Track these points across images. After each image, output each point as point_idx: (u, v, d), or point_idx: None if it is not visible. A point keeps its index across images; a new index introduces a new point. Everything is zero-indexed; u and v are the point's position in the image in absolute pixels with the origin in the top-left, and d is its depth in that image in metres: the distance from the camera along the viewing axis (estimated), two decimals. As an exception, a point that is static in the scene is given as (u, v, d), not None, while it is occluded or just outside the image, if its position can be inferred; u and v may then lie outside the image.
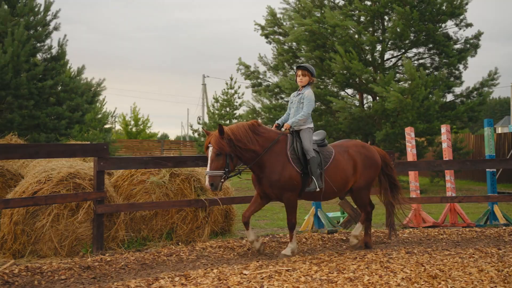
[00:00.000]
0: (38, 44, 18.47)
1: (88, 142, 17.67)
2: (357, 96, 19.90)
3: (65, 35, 19.27)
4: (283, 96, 19.97)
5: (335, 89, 19.44)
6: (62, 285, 5.35)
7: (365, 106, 19.37)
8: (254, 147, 6.42)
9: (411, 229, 8.82)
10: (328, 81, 19.38)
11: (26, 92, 16.90)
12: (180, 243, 7.45)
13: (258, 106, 20.12)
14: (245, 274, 5.59)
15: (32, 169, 9.62)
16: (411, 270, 5.73)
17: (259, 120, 7.21)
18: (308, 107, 6.80)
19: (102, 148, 6.94)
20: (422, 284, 5.18)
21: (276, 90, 19.76)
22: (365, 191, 7.29)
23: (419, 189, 10.22)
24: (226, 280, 5.37)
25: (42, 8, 18.55)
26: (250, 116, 20.05)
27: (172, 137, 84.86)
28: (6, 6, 17.94)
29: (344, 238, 7.97)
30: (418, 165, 9.61)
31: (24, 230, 6.69)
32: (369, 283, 5.20)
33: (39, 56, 18.75)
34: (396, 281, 5.24)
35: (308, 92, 6.88)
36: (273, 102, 19.85)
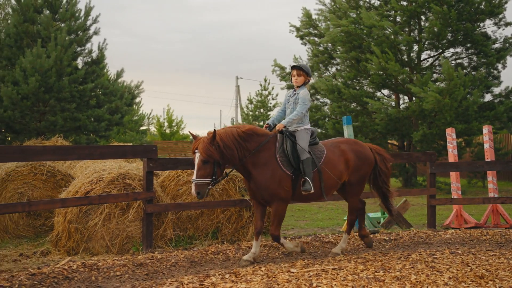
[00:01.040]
0: (79, 49, 19.00)
1: (130, 144, 18.04)
2: (393, 97, 19.82)
3: (105, 39, 19.73)
4: (318, 97, 20.03)
5: (371, 90, 19.38)
6: (118, 281, 5.58)
7: (401, 107, 19.28)
8: (242, 153, 6.13)
9: (453, 230, 8.82)
10: (363, 82, 19.35)
11: (68, 95, 17.41)
12: (225, 242, 7.63)
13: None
14: (293, 272, 5.72)
15: (79, 169, 9.98)
16: (457, 270, 5.77)
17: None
18: (302, 107, 6.55)
19: (151, 149, 7.18)
20: (470, 284, 5.23)
21: (311, 91, 19.81)
22: (358, 188, 7.07)
23: (460, 190, 10.18)
24: (274, 277, 5.51)
25: (82, 13, 19.08)
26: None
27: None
28: (48, 12, 18.53)
29: (387, 238, 8.03)
30: (460, 166, 9.59)
31: (77, 228, 6.97)
32: (417, 282, 5.27)
33: (79, 60, 19.29)
34: (443, 281, 5.30)
35: (303, 92, 6.65)
36: (309, 103, 19.90)
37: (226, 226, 7.80)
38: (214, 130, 5.94)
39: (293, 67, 6.84)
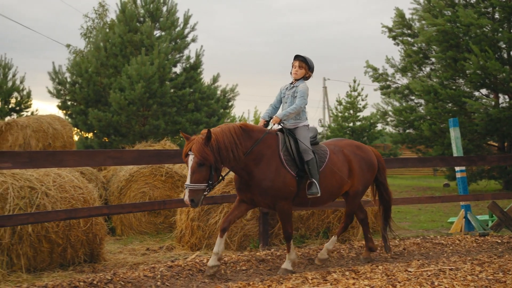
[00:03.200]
0: (178, 55, 20.01)
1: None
2: (492, 96, 19.21)
3: (202, 46, 20.61)
4: (412, 97, 19.79)
5: (468, 90, 18.89)
6: (244, 274, 6.01)
7: (500, 106, 18.65)
8: (240, 153, 5.53)
9: None
10: (460, 81, 18.90)
11: (169, 100, 18.40)
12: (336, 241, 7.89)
13: (388, 108, 20.11)
14: (410, 271, 5.89)
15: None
16: None
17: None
18: (301, 101, 5.97)
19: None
20: None
21: (405, 92, 19.64)
22: (360, 197, 6.61)
23: None
24: (393, 276, 5.71)
25: (180, 21, 20.06)
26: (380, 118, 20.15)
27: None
28: (150, 22, 19.63)
29: (499, 241, 7.97)
30: None
31: (199, 226, 7.51)
32: (541, 284, 5.29)
33: (179, 66, 20.29)
34: None
35: (303, 86, 6.06)
36: (403, 104, 19.73)
37: (337, 226, 8.06)
38: (208, 129, 5.33)
39: (296, 57, 6.20)
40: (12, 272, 5.81)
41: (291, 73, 6.20)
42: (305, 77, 6.19)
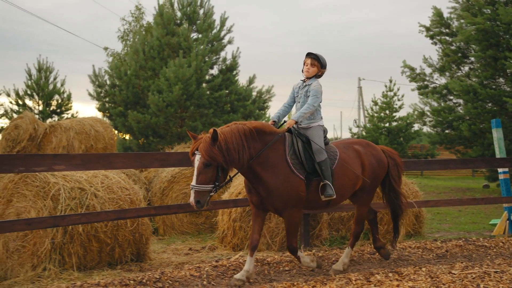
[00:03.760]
0: (214, 57, 20.22)
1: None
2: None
3: (238, 48, 20.76)
4: (451, 97, 19.52)
5: (508, 89, 18.51)
6: (288, 275, 6.10)
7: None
8: (249, 155, 5.34)
9: None
10: (501, 81, 18.53)
11: (206, 101, 18.61)
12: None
13: (426, 108, 19.89)
14: (454, 274, 5.88)
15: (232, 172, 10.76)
16: None
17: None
18: (314, 100, 5.78)
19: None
20: None
21: (444, 92, 19.38)
22: (369, 195, 6.39)
23: None
24: (437, 278, 5.71)
25: (217, 23, 20.25)
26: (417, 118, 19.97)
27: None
28: (187, 24, 19.90)
29: (544, 243, 7.85)
30: None
31: (241, 226, 7.63)
32: None
33: (215, 67, 20.50)
34: None
35: (316, 84, 5.89)
36: (442, 104, 19.47)
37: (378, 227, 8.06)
38: (214, 129, 5.15)
39: (308, 55, 6.02)
40: (64, 270, 6.03)
41: (302, 70, 6.04)
42: (318, 75, 6.02)
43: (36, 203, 6.16)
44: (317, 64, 5.94)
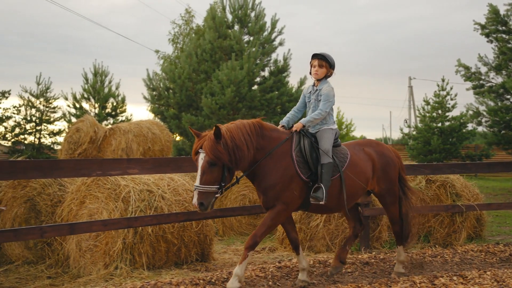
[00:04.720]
0: (266, 59, 20.42)
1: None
2: None
3: (289, 49, 20.93)
4: (508, 97, 19.05)
5: None
6: (350, 277, 6.17)
7: None
8: (255, 154, 5.11)
9: None
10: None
11: (258, 103, 18.83)
12: (437, 246, 7.88)
13: (482, 108, 19.48)
14: (521, 278, 5.82)
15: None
16: None
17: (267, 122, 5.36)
18: (325, 105, 5.48)
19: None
20: None
21: (500, 91, 18.94)
22: (392, 195, 6.05)
23: None
24: (503, 282, 5.66)
25: (268, 25, 20.44)
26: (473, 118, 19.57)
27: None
28: (238, 27, 20.18)
29: None
30: None
31: (301, 228, 7.74)
32: None
33: (266, 69, 20.70)
34: None
35: (326, 87, 5.56)
36: (499, 103, 19.03)
37: (438, 230, 8.04)
38: (217, 126, 4.83)
39: (314, 56, 5.69)
40: (134, 269, 6.30)
41: (310, 73, 5.75)
42: (327, 76, 5.70)
43: (108, 204, 6.47)
44: (325, 64, 5.64)
